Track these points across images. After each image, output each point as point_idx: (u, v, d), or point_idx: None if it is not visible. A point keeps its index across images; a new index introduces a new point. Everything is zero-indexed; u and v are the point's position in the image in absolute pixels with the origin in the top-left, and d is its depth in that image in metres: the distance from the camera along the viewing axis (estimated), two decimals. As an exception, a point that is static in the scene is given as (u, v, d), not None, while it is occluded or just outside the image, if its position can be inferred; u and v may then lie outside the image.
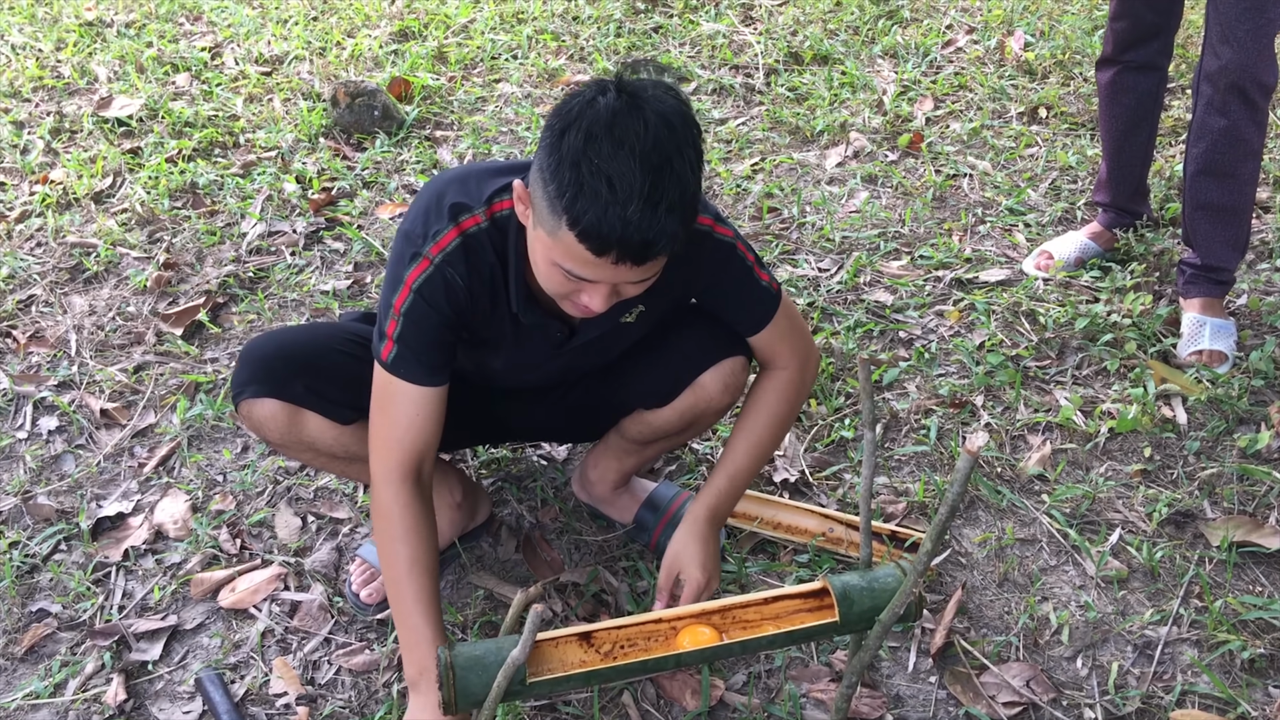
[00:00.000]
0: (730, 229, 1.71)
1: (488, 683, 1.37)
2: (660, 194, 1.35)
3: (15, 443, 2.45)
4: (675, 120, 1.39)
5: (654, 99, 1.39)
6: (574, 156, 1.36)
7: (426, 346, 1.64)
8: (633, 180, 1.34)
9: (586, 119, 1.37)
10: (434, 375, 1.66)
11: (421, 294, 1.60)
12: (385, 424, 1.68)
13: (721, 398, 1.84)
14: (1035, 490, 2.25)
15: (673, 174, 1.37)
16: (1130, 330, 2.61)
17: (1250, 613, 1.96)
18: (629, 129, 1.36)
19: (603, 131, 1.35)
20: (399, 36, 4.31)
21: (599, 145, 1.35)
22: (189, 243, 3.08)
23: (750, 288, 1.75)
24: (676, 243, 1.41)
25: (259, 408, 1.75)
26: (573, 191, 1.36)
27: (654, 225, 1.36)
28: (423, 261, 1.60)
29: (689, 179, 1.39)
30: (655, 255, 1.41)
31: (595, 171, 1.34)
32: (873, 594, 1.51)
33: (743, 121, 3.67)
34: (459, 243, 1.60)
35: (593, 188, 1.34)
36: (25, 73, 4.00)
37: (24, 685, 1.92)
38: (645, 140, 1.35)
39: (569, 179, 1.36)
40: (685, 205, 1.40)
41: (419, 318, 1.61)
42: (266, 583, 2.08)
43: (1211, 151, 2.45)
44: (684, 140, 1.39)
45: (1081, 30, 4.11)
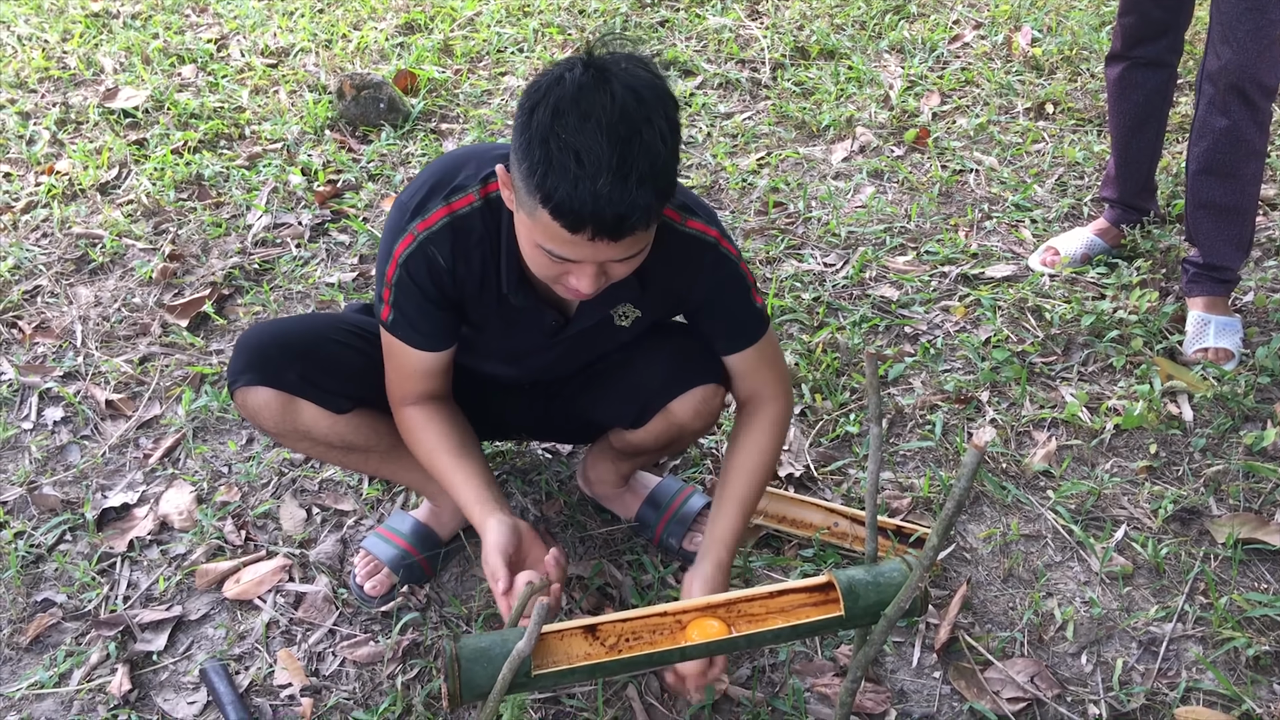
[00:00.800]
0: (735, 247, 1.71)
1: (493, 675, 1.37)
2: (629, 165, 1.33)
3: (21, 433, 2.45)
4: (644, 91, 1.37)
5: (623, 72, 1.37)
6: (542, 133, 1.35)
7: (417, 316, 1.67)
8: (600, 153, 1.32)
9: (554, 95, 1.35)
10: (430, 341, 1.69)
11: (406, 268, 1.63)
12: (395, 373, 1.75)
13: (694, 423, 1.83)
14: (1040, 486, 2.25)
15: (641, 144, 1.34)
16: (1136, 327, 2.60)
17: (1255, 610, 1.95)
18: (595, 102, 1.34)
19: (569, 106, 1.34)
20: (405, 29, 4.30)
21: (566, 120, 1.33)
22: (194, 234, 3.08)
23: (746, 306, 1.75)
24: (651, 215, 1.39)
25: (253, 396, 1.75)
26: (543, 168, 1.35)
27: (625, 198, 1.34)
28: (407, 236, 1.62)
29: (659, 149, 1.36)
30: (631, 229, 1.38)
31: (563, 146, 1.33)
32: (878, 589, 1.50)
33: (749, 116, 3.67)
34: (446, 223, 1.61)
35: (561, 163, 1.33)
36: (31, 63, 4.00)
37: (29, 675, 1.92)
38: (612, 112, 1.34)
39: (539, 156, 1.35)
40: (657, 176, 1.37)
41: (406, 290, 1.65)
42: (271, 574, 2.09)
43: (1213, 151, 2.44)
44: (653, 110, 1.36)
45: (1089, 26, 4.10)
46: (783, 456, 2.30)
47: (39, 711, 1.87)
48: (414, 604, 2.02)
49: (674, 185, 1.45)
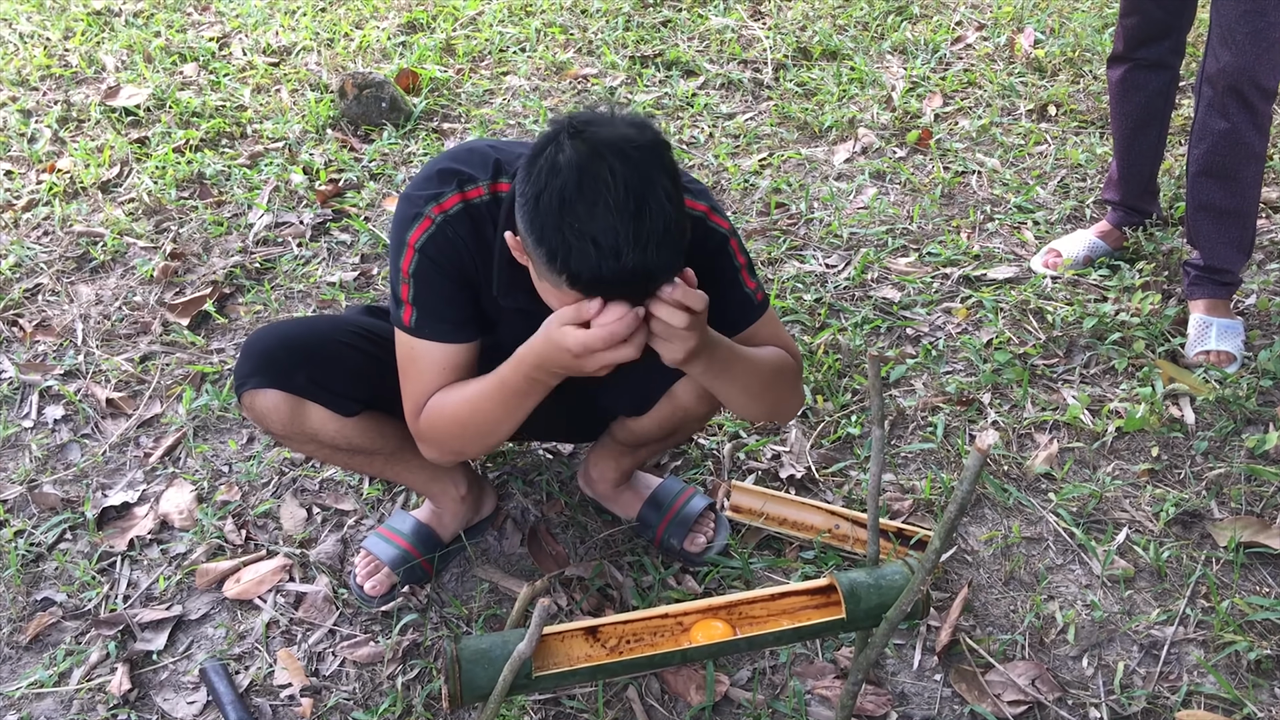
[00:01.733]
0: (727, 222, 1.70)
1: (493, 676, 1.37)
2: (646, 235, 1.35)
3: (21, 431, 2.45)
4: (635, 155, 1.37)
5: (612, 141, 1.37)
6: (554, 223, 1.36)
7: (443, 303, 1.64)
8: (615, 233, 1.34)
9: (555, 186, 1.36)
10: (459, 331, 1.66)
11: (425, 252, 1.61)
12: (417, 382, 1.68)
13: (698, 407, 1.83)
14: (1042, 489, 2.25)
15: (650, 212, 1.35)
16: (1138, 329, 2.60)
17: (1257, 613, 1.95)
18: (598, 185, 1.34)
19: (573, 194, 1.35)
20: (407, 28, 4.30)
21: (574, 210, 1.34)
22: (196, 233, 3.08)
23: (733, 287, 1.72)
24: (676, 268, 1.41)
25: (262, 399, 1.74)
26: (563, 254, 1.36)
27: (648, 264, 1.36)
28: (424, 221, 1.60)
29: (668, 209, 1.37)
30: (657, 286, 1.41)
31: (579, 235, 1.34)
32: (879, 591, 1.50)
33: (751, 116, 3.66)
34: (462, 208, 1.61)
35: (581, 250, 1.35)
36: (33, 61, 4.00)
37: (29, 674, 1.92)
38: (617, 191, 1.34)
39: (556, 243, 1.36)
40: (672, 233, 1.38)
41: (428, 276, 1.62)
42: (271, 574, 2.08)
43: (1212, 153, 2.43)
44: (653, 170, 1.37)
45: (1092, 28, 4.09)
46: (784, 457, 2.30)
47: (39, 710, 1.86)
48: (414, 604, 2.01)
49: (687, 233, 1.45)
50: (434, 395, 1.67)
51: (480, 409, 1.62)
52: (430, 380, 1.67)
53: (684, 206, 1.43)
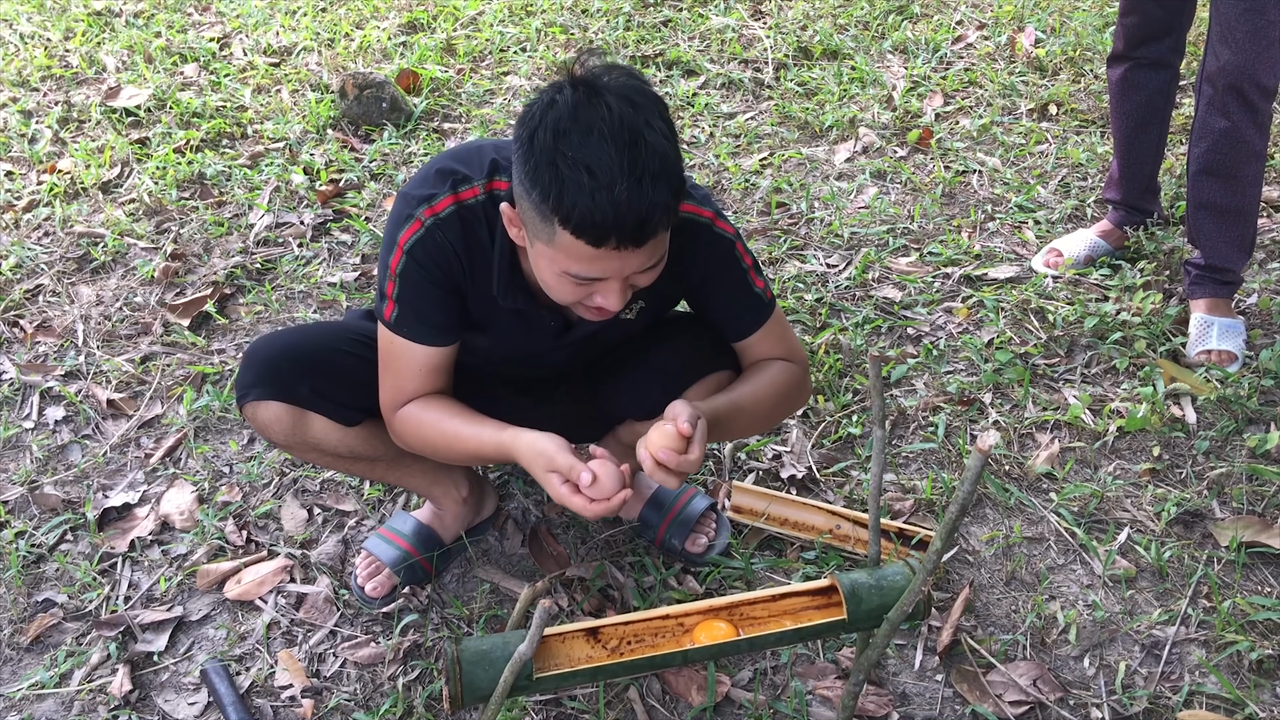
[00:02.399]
0: (731, 227, 1.71)
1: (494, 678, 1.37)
2: (641, 167, 1.35)
3: (22, 432, 2.45)
4: (636, 97, 1.39)
5: (610, 84, 1.40)
6: (548, 156, 1.36)
7: (426, 306, 1.64)
8: (610, 161, 1.34)
9: (550, 118, 1.37)
10: (438, 335, 1.67)
11: (413, 255, 1.61)
12: (392, 382, 1.71)
13: None
14: (1043, 489, 2.24)
15: (647, 146, 1.36)
16: (1140, 329, 2.60)
17: (1259, 613, 1.95)
18: (594, 115, 1.36)
19: (569, 125, 1.36)
20: (407, 28, 4.30)
21: (569, 138, 1.35)
22: (196, 233, 3.08)
23: (743, 290, 1.75)
24: (670, 213, 1.41)
25: (264, 410, 1.74)
26: (556, 189, 1.36)
27: (643, 199, 1.36)
28: (414, 223, 1.61)
29: (665, 147, 1.39)
30: (653, 232, 1.40)
31: (572, 164, 1.35)
32: (881, 592, 1.50)
33: (751, 116, 3.66)
34: (453, 210, 1.61)
35: (574, 180, 1.35)
36: (33, 62, 4.00)
37: (29, 675, 1.92)
38: (612, 122, 1.36)
39: (549, 179, 1.36)
40: (670, 174, 1.39)
41: (413, 278, 1.62)
42: (272, 575, 2.08)
43: (1213, 152, 2.43)
44: (649, 113, 1.39)
45: (1092, 27, 4.09)
46: (785, 458, 2.30)
47: (39, 712, 1.86)
48: (415, 605, 2.01)
49: (684, 182, 1.46)
50: (415, 404, 1.70)
51: (453, 447, 1.68)
52: (407, 379, 1.69)
53: (680, 160, 1.44)
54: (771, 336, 1.79)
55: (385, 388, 1.72)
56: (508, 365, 1.87)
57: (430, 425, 1.68)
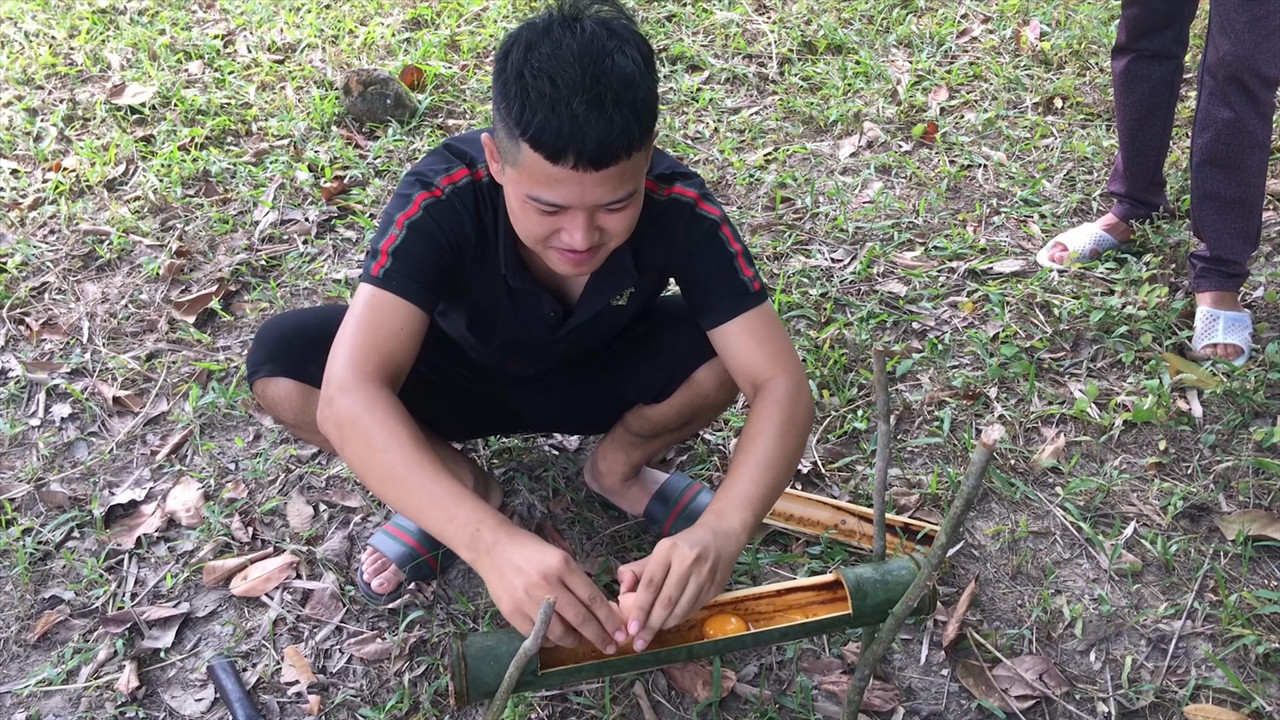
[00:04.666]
0: (717, 209, 1.68)
1: (500, 673, 1.37)
2: (603, 85, 1.35)
3: (28, 430, 2.45)
4: (615, 26, 1.40)
5: (593, 12, 1.41)
6: (516, 69, 1.37)
7: (425, 263, 1.59)
8: (573, 75, 1.34)
9: (525, 35, 1.39)
10: (425, 294, 1.58)
11: (430, 211, 1.59)
12: (360, 332, 1.54)
13: (718, 394, 1.82)
14: (1049, 483, 2.24)
15: (614, 67, 1.36)
16: (1145, 322, 2.59)
17: (1265, 607, 1.94)
18: (566, 33, 1.37)
19: (539, 38, 1.37)
20: (411, 25, 4.30)
21: (538, 51, 1.36)
22: (201, 231, 3.09)
23: (726, 273, 1.66)
24: (632, 140, 1.38)
25: (274, 387, 1.74)
26: (520, 100, 1.36)
27: (601, 119, 1.35)
28: (435, 189, 1.60)
29: (632, 71, 1.37)
30: (613, 156, 1.37)
31: (536, 74, 1.35)
32: (886, 586, 1.50)
33: (756, 111, 3.66)
34: (469, 182, 1.61)
35: (537, 89, 1.35)
36: (38, 60, 4.00)
37: (37, 672, 1.93)
38: (582, 39, 1.36)
39: (514, 91, 1.37)
40: (635, 100, 1.37)
41: (423, 232, 1.59)
42: (278, 571, 2.09)
43: (1216, 143, 2.43)
44: (624, 41, 1.39)
45: (1098, 20, 4.08)
46: (790, 453, 2.30)
47: (47, 708, 1.87)
48: (421, 601, 2.02)
49: (654, 114, 1.44)
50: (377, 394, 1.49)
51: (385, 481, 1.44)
52: (376, 337, 1.53)
53: (654, 88, 1.43)
54: (753, 331, 1.65)
55: (352, 343, 1.53)
56: (508, 355, 1.87)
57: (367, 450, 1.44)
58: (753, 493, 1.53)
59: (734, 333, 1.66)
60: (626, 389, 1.92)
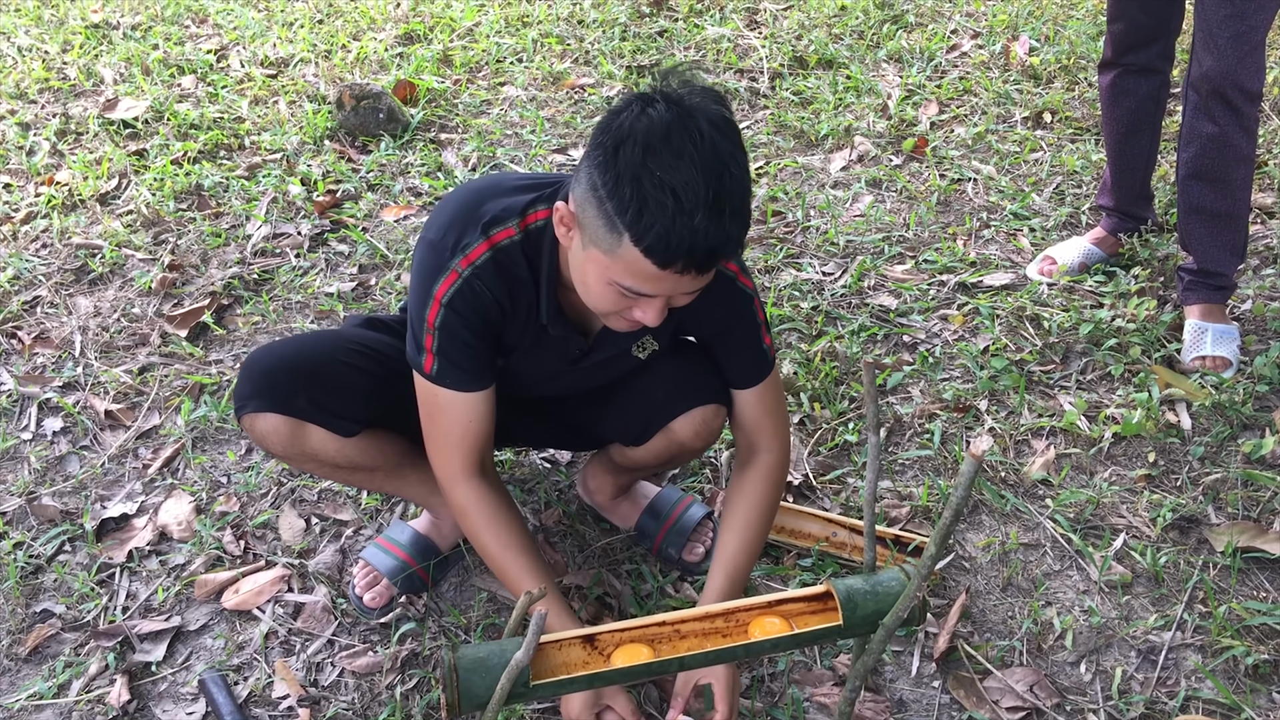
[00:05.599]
0: (751, 282, 1.73)
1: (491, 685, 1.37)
2: (724, 201, 1.35)
3: (20, 443, 2.45)
4: (725, 127, 1.38)
5: (701, 107, 1.38)
6: (634, 171, 1.34)
7: (466, 356, 1.64)
8: (697, 190, 1.33)
9: (640, 132, 1.35)
10: (479, 379, 1.67)
11: (452, 307, 1.60)
12: (439, 434, 1.70)
13: (694, 443, 1.83)
14: (1039, 495, 2.25)
15: (732, 180, 1.36)
16: (1134, 335, 2.61)
17: (1254, 618, 1.95)
18: (685, 139, 1.34)
19: (660, 143, 1.34)
20: (404, 40, 4.31)
21: (659, 157, 1.33)
22: (194, 244, 3.09)
23: (755, 344, 1.76)
24: (741, 247, 1.43)
25: (262, 422, 1.74)
26: (636, 206, 1.34)
27: (720, 232, 1.36)
28: (451, 275, 1.59)
29: (746, 183, 1.39)
30: (719, 262, 1.42)
31: (658, 184, 1.33)
32: (876, 598, 1.50)
33: (747, 125, 3.67)
34: (489, 256, 1.59)
35: (658, 200, 1.33)
36: (31, 74, 4.01)
37: (28, 686, 1.92)
38: (704, 149, 1.34)
39: (630, 194, 1.34)
40: (745, 209, 1.40)
41: (454, 330, 1.61)
42: (270, 584, 2.09)
43: (1201, 157, 2.44)
44: (736, 145, 1.39)
45: (1086, 35, 4.11)
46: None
47: (38, 722, 1.87)
48: (413, 614, 2.02)
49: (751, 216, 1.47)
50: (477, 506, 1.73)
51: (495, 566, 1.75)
52: (455, 429, 1.69)
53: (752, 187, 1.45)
54: (765, 400, 1.80)
55: (436, 443, 1.72)
56: (521, 383, 1.87)
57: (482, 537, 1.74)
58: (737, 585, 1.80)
59: (749, 401, 1.80)
60: (605, 429, 1.93)
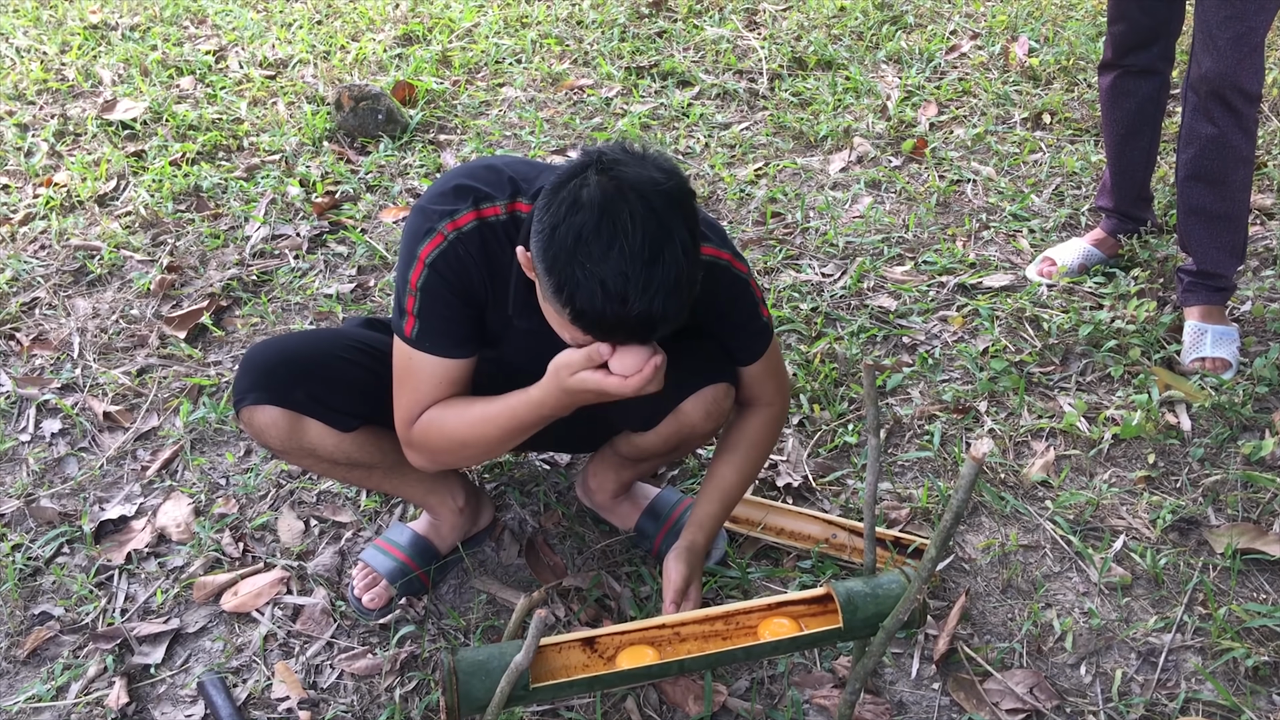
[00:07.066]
0: (745, 265, 1.74)
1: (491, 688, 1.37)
2: (657, 284, 1.36)
3: (18, 445, 2.45)
4: (658, 202, 1.38)
5: (637, 183, 1.38)
6: (566, 258, 1.37)
7: (447, 320, 1.64)
8: (625, 279, 1.35)
9: (574, 218, 1.37)
10: (459, 347, 1.67)
11: (435, 268, 1.61)
12: (407, 394, 1.70)
13: (704, 424, 1.83)
14: (1039, 497, 2.25)
15: (664, 262, 1.37)
16: (1134, 336, 2.60)
17: (1254, 620, 1.95)
18: (616, 225, 1.35)
19: (591, 234, 1.35)
20: (403, 40, 4.31)
21: (589, 248, 1.35)
22: (192, 246, 3.09)
23: (754, 321, 1.79)
24: (681, 317, 1.43)
25: (260, 415, 1.74)
26: (569, 290, 1.38)
27: (651, 314, 1.38)
28: (437, 236, 1.60)
29: (681, 262, 1.39)
30: (662, 333, 1.43)
31: (589, 275, 1.36)
32: (876, 600, 1.51)
33: (746, 126, 3.67)
34: (475, 226, 1.61)
35: (588, 289, 1.36)
36: (30, 75, 4.01)
37: (26, 688, 1.92)
38: (634, 236, 1.35)
39: (563, 278, 1.38)
40: (683, 285, 1.40)
41: (435, 291, 1.62)
42: (269, 586, 2.08)
43: (1200, 158, 2.44)
44: (674, 222, 1.38)
45: (1085, 36, 4.11)
46: (781, 467, 2.30)
47: (36, 725, 1.86)
48: (412, 616, 2.01)
49: (697, 285, 1.46)
50: (431, 409, 1.69)
51: (484, 432, 1.67)
52: (426, 392, 1.68)
53: (699, 258, 1.45)
54: (769, 366, 1.84)
55: (402, 404, 1.71)
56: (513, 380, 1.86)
57: (455, 418, 1.67)
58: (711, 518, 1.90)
59: (753, 371, 1.84)
60: (614, 416, 1.93)
